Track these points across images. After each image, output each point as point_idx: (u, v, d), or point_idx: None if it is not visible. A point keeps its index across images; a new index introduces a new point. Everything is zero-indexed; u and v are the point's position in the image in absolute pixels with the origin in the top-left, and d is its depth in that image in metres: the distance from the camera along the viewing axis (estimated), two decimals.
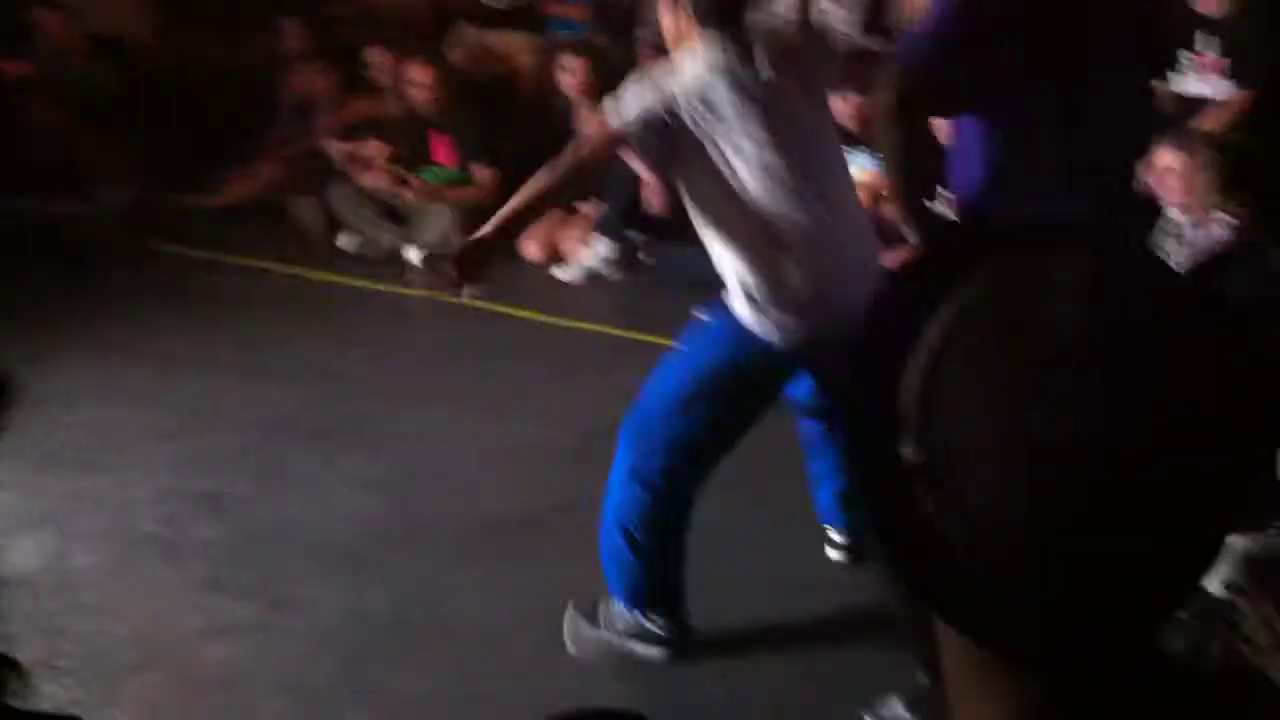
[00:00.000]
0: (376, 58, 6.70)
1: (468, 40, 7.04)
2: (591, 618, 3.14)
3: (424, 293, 5.79)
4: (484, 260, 2.90)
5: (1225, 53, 5.14)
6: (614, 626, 3.11)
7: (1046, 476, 0.71)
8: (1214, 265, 3.71)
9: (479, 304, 5.56)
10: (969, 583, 0.74)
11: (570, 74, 6.01)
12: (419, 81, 6.24)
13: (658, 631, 3.08)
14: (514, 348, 5.22)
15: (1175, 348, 0.74)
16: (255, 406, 4.65)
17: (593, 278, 5.79)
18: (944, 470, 0.73)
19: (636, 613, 3.07)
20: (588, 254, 5.79)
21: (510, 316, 5.46)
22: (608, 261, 5.77)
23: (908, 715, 2.81)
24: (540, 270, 5.93)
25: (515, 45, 6.95)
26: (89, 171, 6.73)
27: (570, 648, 3.15)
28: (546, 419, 4.47)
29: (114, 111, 6.96)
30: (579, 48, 6.11)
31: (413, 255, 6.05)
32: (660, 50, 6.30)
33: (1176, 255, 4.16)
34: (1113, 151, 2.68)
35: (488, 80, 6.91)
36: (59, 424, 4.44)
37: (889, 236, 3.26)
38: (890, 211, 4.79)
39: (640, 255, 5.84)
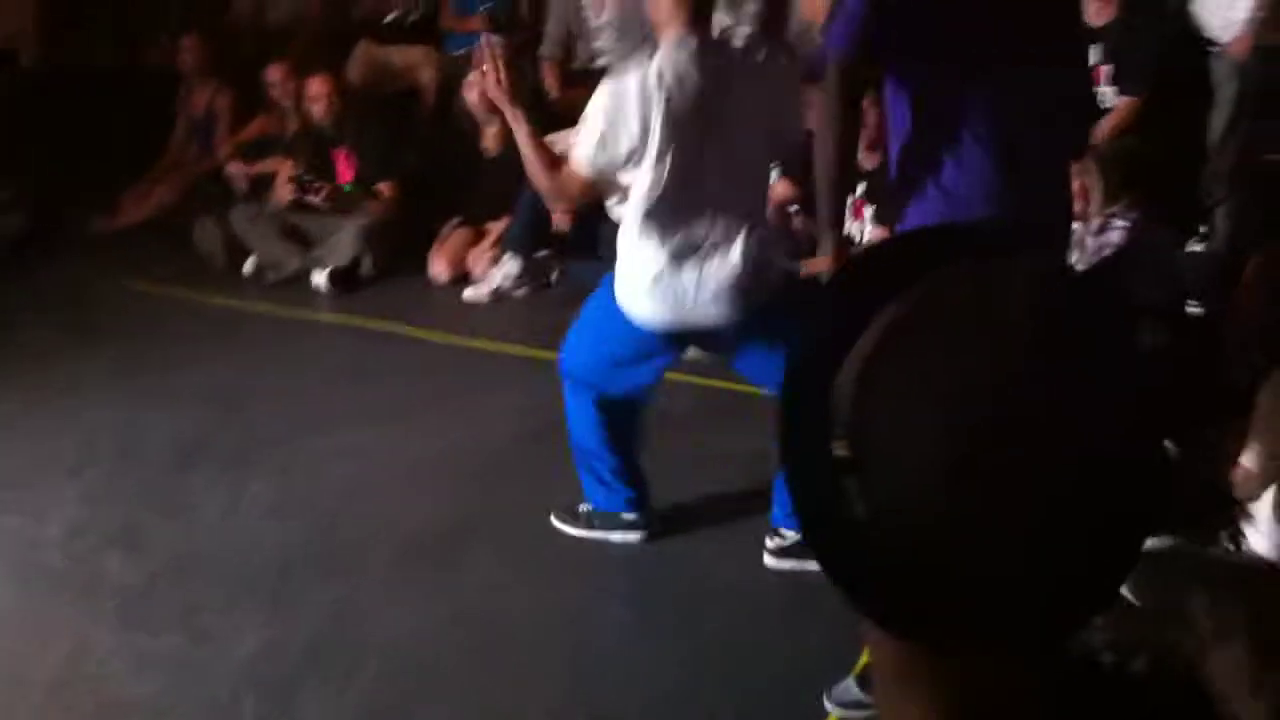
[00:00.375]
0: (276, 75, 6.63)
1: (368, 57, 7.00)
2: (574, 518, 3.75)
3: (331, 317, 5.76)
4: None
5: (1107, 59, 5.31)
6: (592, 523, 3.71)
7: (971, 473, 0.74)
8: (1114, 266, 3.85)
9: (386, 327, 5.55)
10: (891, 579, 0.76)
11: (472, 89, 5.99)
12: (318, 94, 6.19)
13: (629, 518, 3.68)
14: (423, 368, 5.19)
15: (1089, 347, 0.77)
16: (163, 434, 4.57)
17: (501, 296, 5.79)
18: (871, 467, 0.76)
19: (606, 508, 3.68)
20: (496, 273, 5.79)
21: (419, 340, 5.44)
22: (516, 280, 5.77)
23: (862, 694, 2.88)
24: (448, 291, 5.91)
25: (415, 60, 6.92)
26: None
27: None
28: (458, 435, 4.47)
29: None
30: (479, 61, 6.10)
31: (319, 279, 6.00)
32: (561, 66, 6.35)
33: (1077, 261, 4.28)
34: (1044, 146, 2.78)
35: (388, 95, 6.89)
36: None
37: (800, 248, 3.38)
38: (801, 222, 4.88)
39: (549, 273, 5.86)
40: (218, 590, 3.59)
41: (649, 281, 3.24)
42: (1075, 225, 4.47)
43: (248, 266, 6.22)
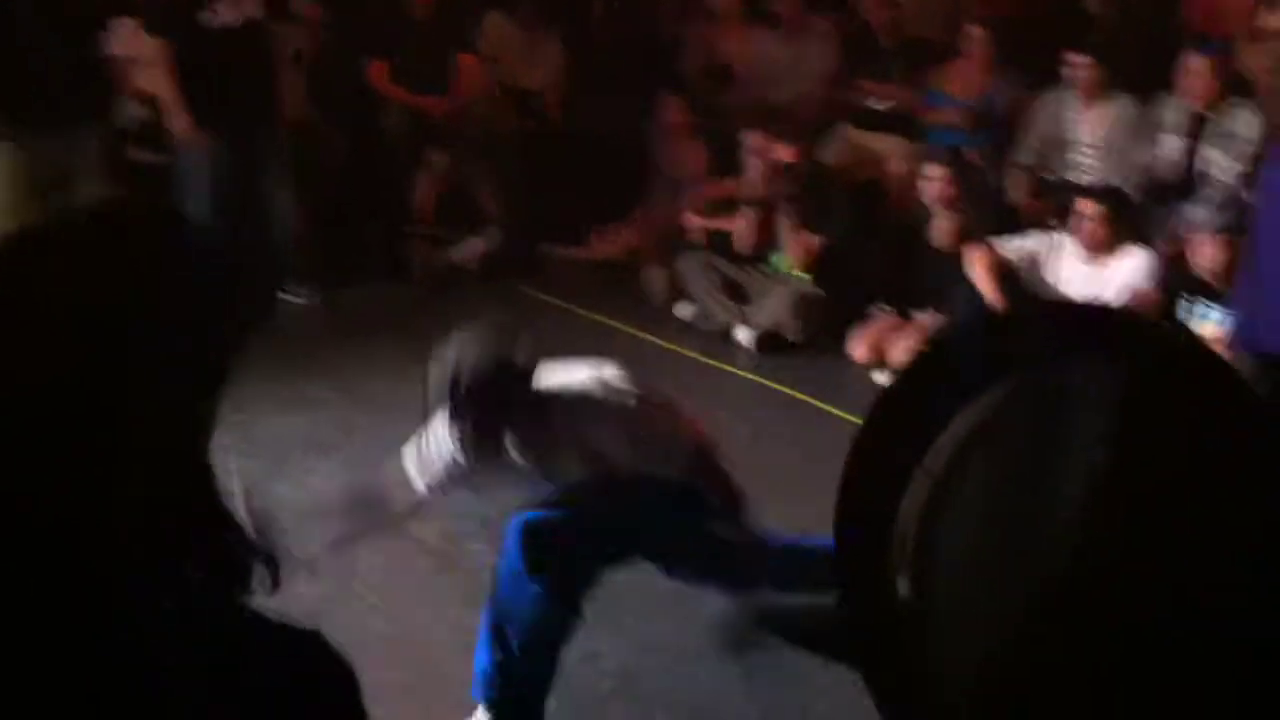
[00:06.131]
0: (756, 142, 6.89)
1: (849, 141, 7.13)
2: None
3: (749, 375, 5.90)
4: None
5: None
6: None
7: (1050, 626, 0.61)
8: None
9: (796, 394, 5.61)
10: None
11: (931, 182, 5.97)
12: (779, 158, 6.40)
13: None
14: (832, 447, 5.17)
15: (1229, 477, 0.60)
16: None
17: None
18: (940, 612, 0.65)
19: None
20: None
21: (832, 415, 5.45)
22: None
23: None
24: (864, 372, 5.89)
25: (890, 149, 6.97)
26: (474, 210, 7.28)
27: None
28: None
29: (512, 161, 7.49)
30: (943, 155, 6.05)
31: (742, 335, 6.17)
32: (1034, 175, 6.18)
33: None
34: None
35: (860, 181, 6.97)
36: (382, 430, 4.80)
37: None
38: None
39: None
40: None
41: None
42: None
43: (683, 310, 6.51)
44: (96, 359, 0.98)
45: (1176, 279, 5.28)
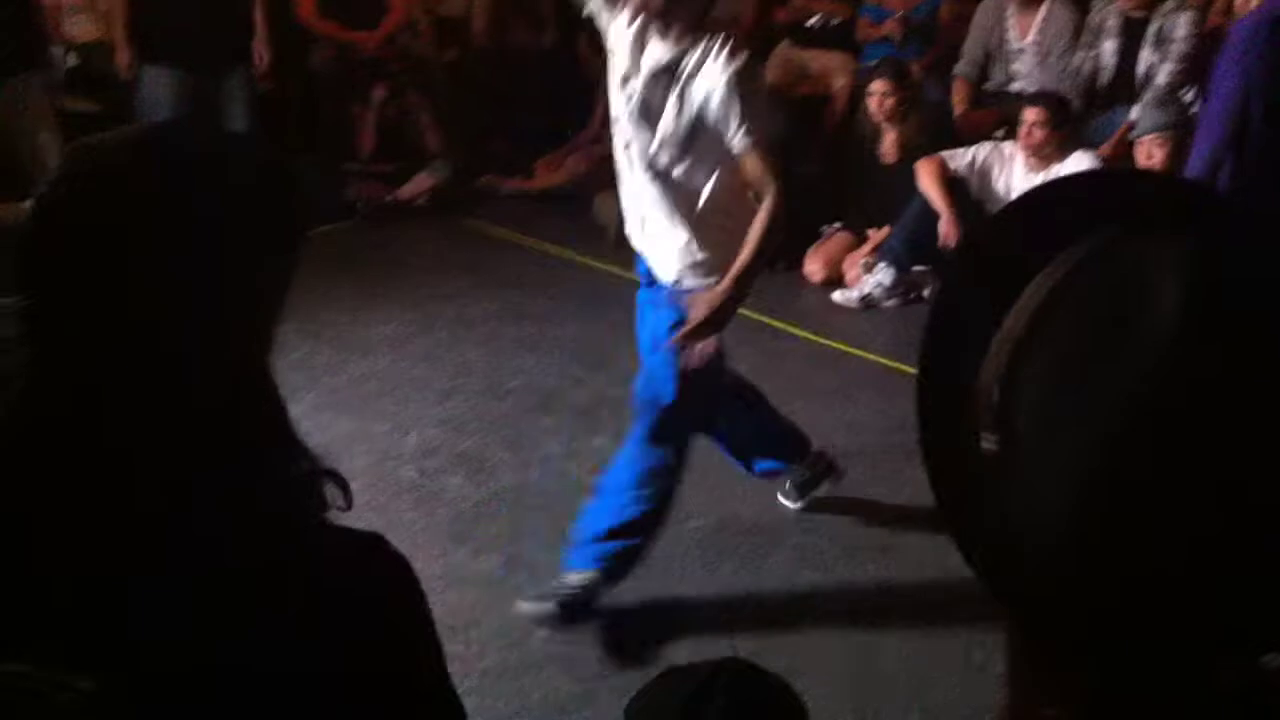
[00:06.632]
0: None
1: (786, 58, 7.13)
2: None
3: None
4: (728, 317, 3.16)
5: None
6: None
7: (1131, 474, 0.65)
8: None
9: (753, 316, 5.65)
10: (1038, 578, 0.70)
11: (874, 97, 5.98)
12: None
13: None
14: (785, 363, 5.25)
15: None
16: (527, 378, 4.89)
17: (870, 305, 5.76)
18: (1022, 462, 0.69)
19: None
20: (869, 280, 5.76)
21: (786, 333, 5.51)
22: (888, 290, 5.73)
23: None
24: (819, 291, 5.94)
25: (832, 66, 6.98)
26: (419, 145, 7.20)
27: None
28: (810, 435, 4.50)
29: (445, 91, 7.41)
30: (886, 70, 6.04)
31: None
32: (972, 87, 6.21)
33: None
34: None
35: (799, 98, 6.98)
36: (348, 368, 4.80)
37: None
38: None
39: (923, 289, 5.77)
40: (540, 525, 3.80)
41: None
42: None
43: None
44: (142, 274, 1.03)
45: None
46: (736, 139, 3.02)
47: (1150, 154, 5.22)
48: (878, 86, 5.94)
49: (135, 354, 1.04)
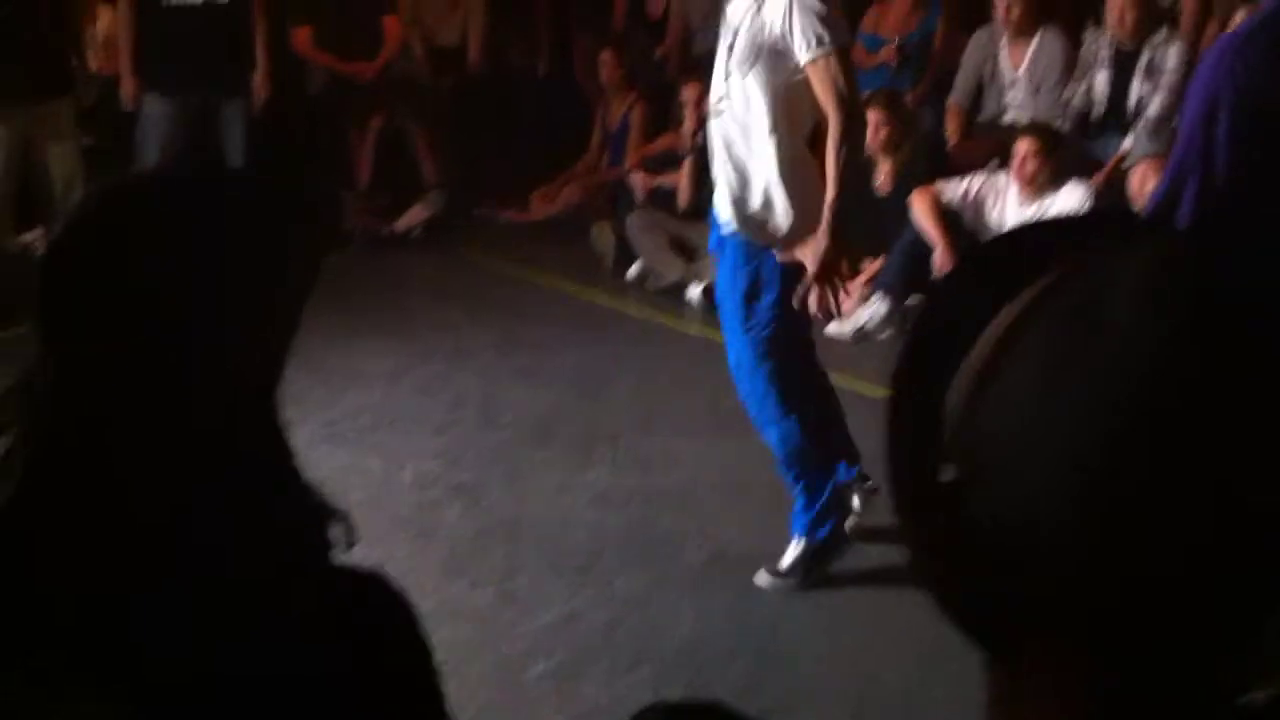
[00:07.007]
0: (690, 95, 6.90)
1: None
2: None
3: (698, 329, 5.94)
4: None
5: None
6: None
7: (1124, 480, 0.65)
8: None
9: None
10: (1010, 602, 0.70)
11: (869, 128, 5.99)
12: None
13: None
14: None
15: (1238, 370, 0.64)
16: (522, 409, 4.90)
17: (864, 336, 5.76)
18: (991, 483, 0.70)
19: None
20: (863, 312, 5.77)
21: None
22: (883, 321, 5.74)
23: None
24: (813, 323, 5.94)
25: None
26: (415, 175, 7.23)
27: None
28: None
29: (442, 119, 7.44)
30: (880, 100, 6.07)
31: (694, 292, 6.21)
32: (965, 116, 6.21)
33: None
34: None
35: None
36: (343, 401, 4.81)
37: None
38: None
39: None
40: (536, 558, 3.81)
41: None
42: None
43: (633, 271, 6.53)
44: (149, 310, 1.09)
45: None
46: (803, 51, 3.17)
47: (1144, 181, 5.24)
48: (872, 117, 5.94)
49: (141, 382, 1.09)
